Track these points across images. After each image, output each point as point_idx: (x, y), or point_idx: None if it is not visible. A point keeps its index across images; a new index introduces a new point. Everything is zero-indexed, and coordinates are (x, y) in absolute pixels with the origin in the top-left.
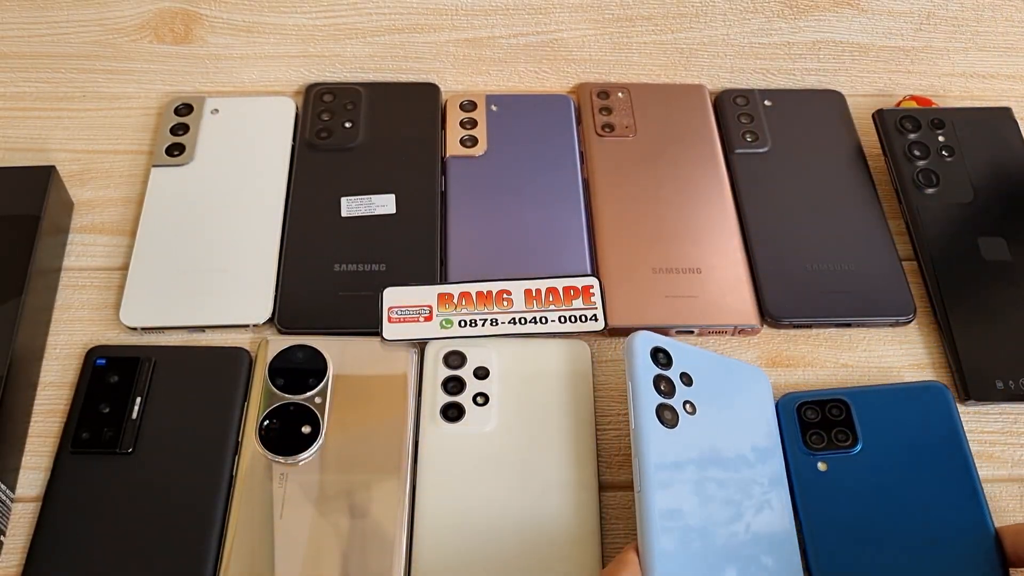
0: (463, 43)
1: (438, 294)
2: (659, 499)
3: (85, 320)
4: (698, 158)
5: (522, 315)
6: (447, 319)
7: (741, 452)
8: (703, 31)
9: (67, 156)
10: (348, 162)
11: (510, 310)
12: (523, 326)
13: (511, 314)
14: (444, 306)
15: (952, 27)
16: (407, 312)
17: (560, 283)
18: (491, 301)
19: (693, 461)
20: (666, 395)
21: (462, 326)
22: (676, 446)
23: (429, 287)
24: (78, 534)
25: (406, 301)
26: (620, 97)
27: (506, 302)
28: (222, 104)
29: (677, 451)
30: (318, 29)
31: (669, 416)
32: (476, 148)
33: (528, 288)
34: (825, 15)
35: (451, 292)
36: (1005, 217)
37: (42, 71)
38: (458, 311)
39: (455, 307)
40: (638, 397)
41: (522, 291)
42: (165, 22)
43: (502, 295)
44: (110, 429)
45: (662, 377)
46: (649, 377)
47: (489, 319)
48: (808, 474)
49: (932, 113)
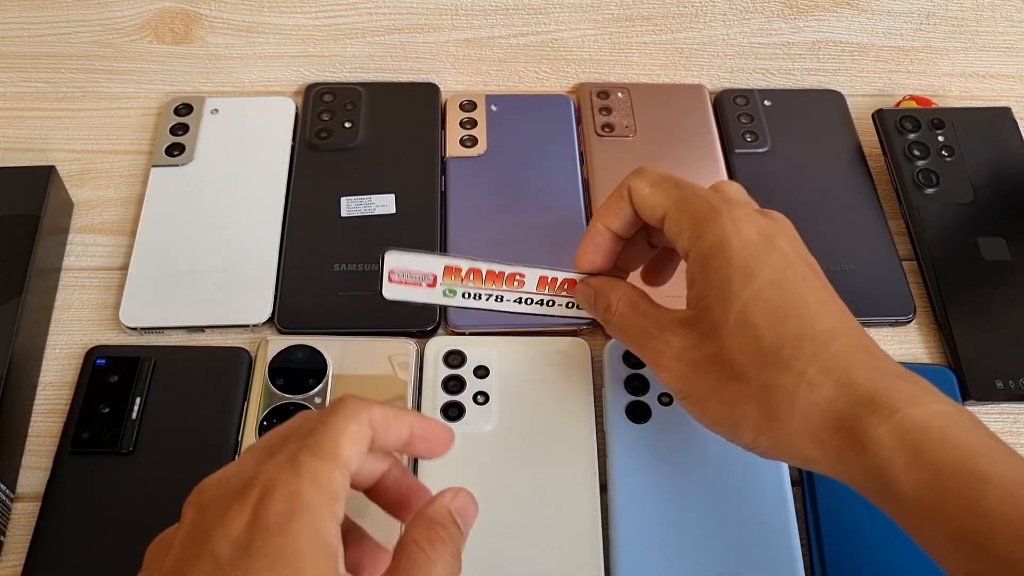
0: (463, 43)
1: (445, 266)
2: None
3: (85, 320)
4: (698, 158)
5: (530, 296)
6: (451, 288)
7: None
8: (703, 31)
9: (67, 156)
10: (348, 162)
11: (519, 290)
12: (528, 306)
13: (518, 293)
14: (450, 277)
15: (952, 27)
16: (409, 276)
17: (580, 277)
18: (501, 280)
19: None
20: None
21: (465, 298)
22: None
23: (436, 256)
24: (78, 534)
25: (409, 266)
26: (620, 97)
27: (517, 283)
28: (222, 104)
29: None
30: (318, 29)
31: (640, 412)
32: (476, 148)
33: (544, 275)
34: (825, 15)
35: (459, 266)
36: (1005, 217)
37: (42, 71)
38: (464, 284)
39: (461, 281)
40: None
41: (536, 277)
42: (165, 22)
43: (514, 277)
44: (110, 429)
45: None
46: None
47: (495, 295)
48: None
49: (932, 113)
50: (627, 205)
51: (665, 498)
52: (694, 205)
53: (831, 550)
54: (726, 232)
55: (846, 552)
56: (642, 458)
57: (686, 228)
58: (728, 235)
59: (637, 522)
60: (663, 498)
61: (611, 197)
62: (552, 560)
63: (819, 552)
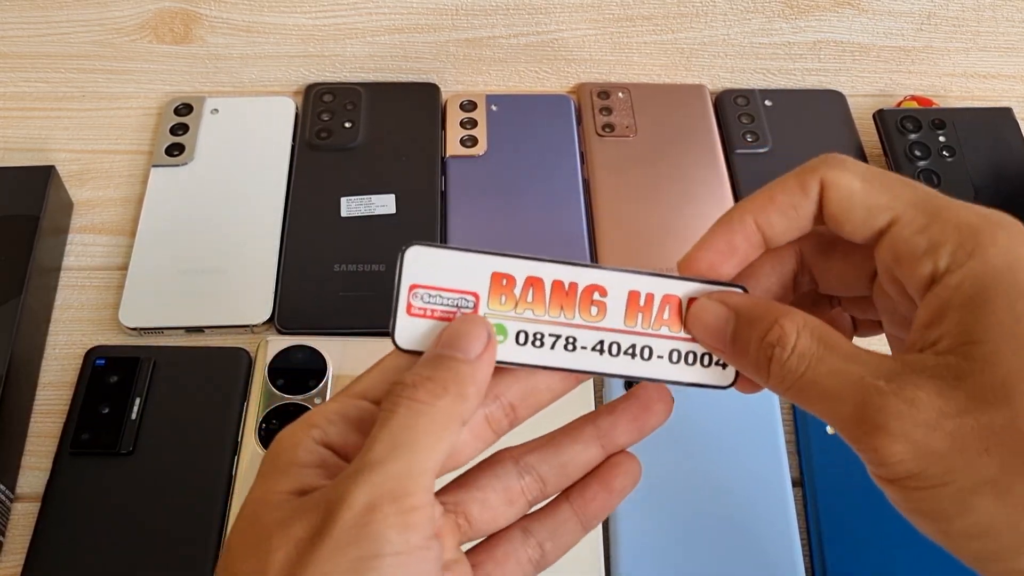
0: (463, 43)
1: (492, 274)
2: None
3: (84, 320)
4: (698, 158)
5: (615, 340)
6: (499, 325)
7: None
8: (703, 31)
9: (67, 156)
10: (348, 162)
11: (598, 325)
12: (615, 359)
13: (598, 333)
14: (498, 298)
15: (953, 27)
16: (440, 300)
17: (685, 290)
18: (573, 302)
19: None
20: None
21: (520, 343)
22: None
23: (477, 256)
24: (77, 534)
25: (441, 279)
26: (620, 97)
27: (596, 308)
28: (222, 104)
29: None
30: (318, 29)
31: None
32: (476, 148)
33: (635, 290)
34: (826, 15)
35: (512, 274)
36: None
37: (42, 71)
38: (519, 312)
39: (515, 303)
40: None
41: (624, 292)
42: (165, 22)
43: (591, 294)
44: (109, 430)
45: None
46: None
47: (564, 337)
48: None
49: (933, 113)
50: (810, 203)
51: (666, 498)
52: (955, 211)
53: (832, 551)
54: (1016, 252)
55: (847, 552)
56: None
57: (946, 241)
58: (1020, 257)
59: (637, 522)
60: (664, 498)
61: (778, 187)
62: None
63: (820, 552)
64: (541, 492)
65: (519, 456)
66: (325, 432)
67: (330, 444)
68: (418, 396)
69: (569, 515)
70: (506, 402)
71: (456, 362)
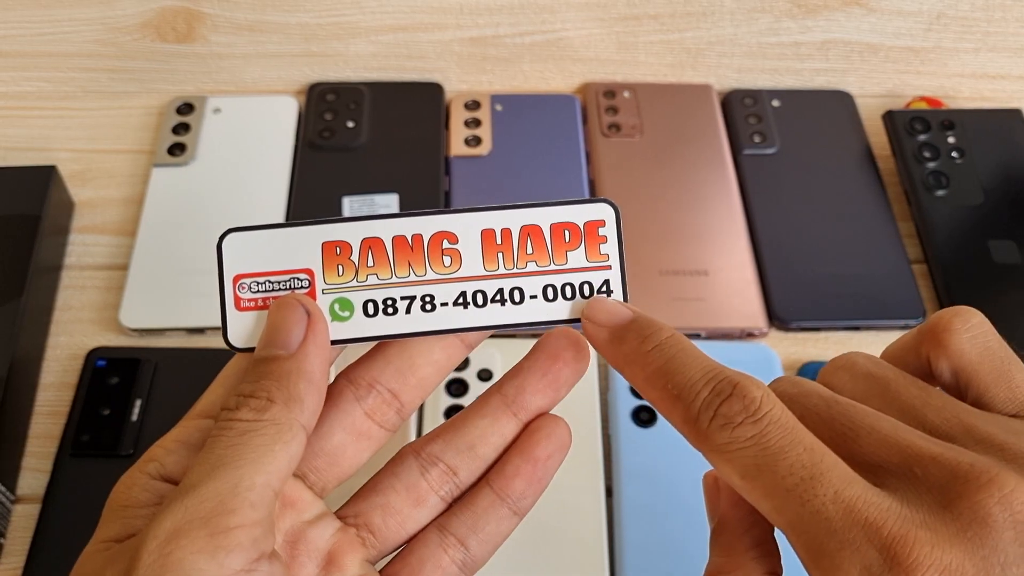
0: (467, 42)
1: (323, 244)
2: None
3: (85, 321)
4: (705, 159)
5: (479, 288)
6: (342, 300)
7: None
8: (710, 30)
9: (68, 155)
10: (351, 162)
11: (456, 276)
12: (483, 309)
13: (458, 284)
14: (335, 270)
15: (962, 27)
16: (269, 286)
17: (546, 217)
18: (421, 256)
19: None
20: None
21: (370, 314)
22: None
23: (302, 229)
24: (78, 536)
25: (266, 263)
26: (626, 97)
27: (449, 258)
28: (224, 103)
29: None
30: (321, 28)
31: (646, 417)
32: (480, 148)
33: (489, 228)
34: (834, 15)
35: (346, 240)
36: (1016, 220)
37: (44, 70)
38: (361, 280)
39: (355, 271)
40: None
41: (477, 234)
42: (167, 21)
43: (440, 243)
44: (110, 431)
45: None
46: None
47: (420, 297)
48: None
49: (942, 114)
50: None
51: (671, 503)
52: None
53: None
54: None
55: None
56: (648, 463)
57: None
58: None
59: (643, 526)
60: (669, 503)
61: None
62: (557, 564)
63: None
64: (455, 484)
65: (420, 448)
66: (163, 464)
67: (169, 477)
68: (240, 416)
69: (491, 501)
70: (384, 389)
71: (277, 362)
